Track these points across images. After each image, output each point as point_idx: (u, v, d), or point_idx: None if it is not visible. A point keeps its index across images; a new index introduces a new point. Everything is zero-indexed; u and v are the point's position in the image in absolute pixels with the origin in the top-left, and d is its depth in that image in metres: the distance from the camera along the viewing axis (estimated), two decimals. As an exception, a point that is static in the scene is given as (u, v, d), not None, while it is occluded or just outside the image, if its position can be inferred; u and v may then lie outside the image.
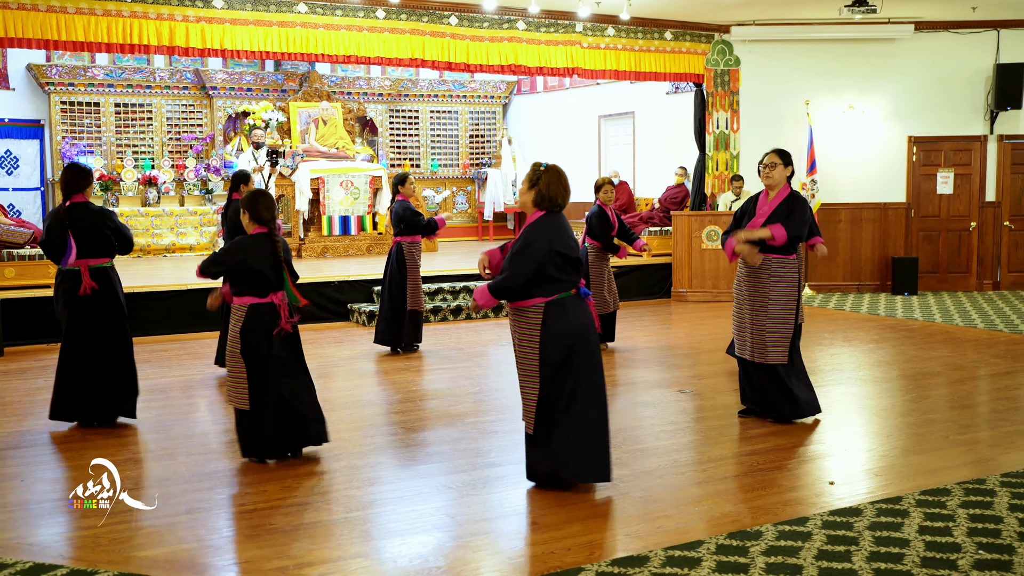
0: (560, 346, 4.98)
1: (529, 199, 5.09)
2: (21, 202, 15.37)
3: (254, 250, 5.64)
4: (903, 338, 10.22)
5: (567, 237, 5.02)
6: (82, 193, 6.60)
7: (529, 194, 5.09)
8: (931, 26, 13.67)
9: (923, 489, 5.11)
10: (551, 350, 4.98)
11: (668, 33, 13.48)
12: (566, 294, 5.00)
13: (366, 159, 16.11)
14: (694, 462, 5.76)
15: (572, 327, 5.00)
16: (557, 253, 4.94)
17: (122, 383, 6.64)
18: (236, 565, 4.26)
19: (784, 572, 4.04)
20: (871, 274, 14.16)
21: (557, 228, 4.99)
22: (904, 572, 4.03)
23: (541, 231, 4.97)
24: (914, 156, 14.03)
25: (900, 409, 7.13)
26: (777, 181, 6.51)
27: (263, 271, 5.60)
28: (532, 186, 5.07)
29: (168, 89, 16.47)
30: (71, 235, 6.45)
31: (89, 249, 6.52)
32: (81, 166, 6.74)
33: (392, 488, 5.27)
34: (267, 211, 5.72)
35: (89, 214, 6.56)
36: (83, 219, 6.52)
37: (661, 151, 15.98)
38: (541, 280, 4.96)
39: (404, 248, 9.45)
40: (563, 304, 4.98)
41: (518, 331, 5.11)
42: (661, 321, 11.71)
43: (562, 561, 4.21)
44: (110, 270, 6.67)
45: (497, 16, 12.38)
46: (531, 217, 5.08)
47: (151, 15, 10.48)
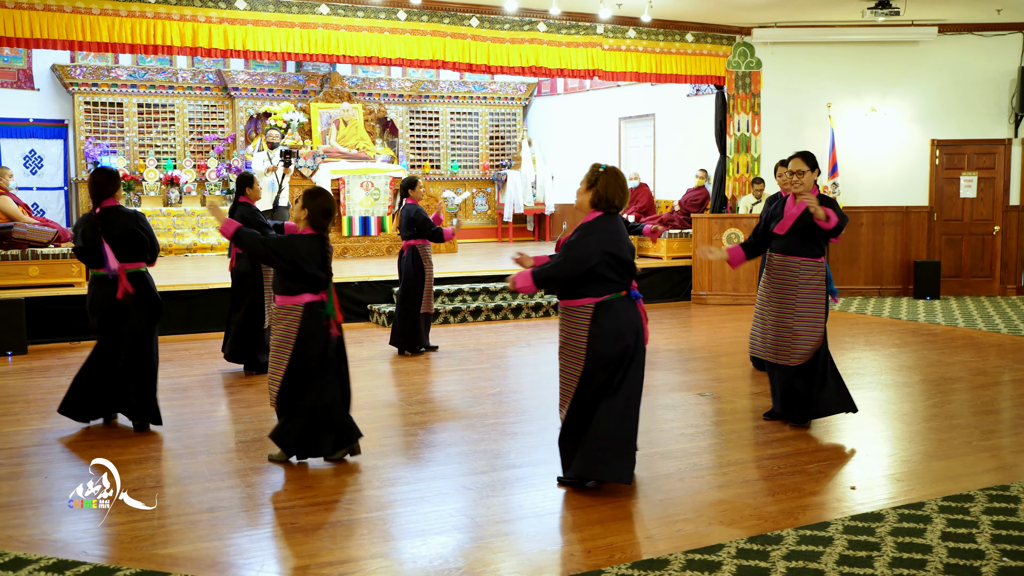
0: (607, 347, 5.00)
1: (586, 200, 5.11)
2: (45, 201, 15.52)
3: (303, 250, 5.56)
4: (925, 342, 10.15)
5: (622, 239, 5.06)
6: (112, 197, 6.56)
7: (587, 195, 5.11)
8: (955, 28, 13.58)
9: (946, 495, 5.07)
10: (598, 351, 5.01)
11: (689, 35, 13.45)
12: (616, 295, 5.03)
13: (386, 160, 16.17)
14: (714, 465, 5.74)
15: (621, 328, 5.03)
16: (610, 254, 4.97)
17: (146, 388, 6.63)
18: (257, 564, 4.27)
19: (805, 577, 4.02)
20: (893, 278, 14.08)
21: (613, 229, 5.03)
22: (927, 578, 4.01)
23: (598, 229, 5.01)
24: (937, 159, 13.94)
25: (922, 414, 7.08)
26: (807, 188, 6.45)
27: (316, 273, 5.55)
28: (590, 187, 5.09)
29: (190, 90, 16.57)
30: (104, 240, 6.41)
31: (125, 253, 6.47)
32: (109, 169, 6.68)
33: (412, 488, 5.28)
34: (325, 217, 5.63)
35: (122, 217, 6.51)
36: (115, 223, 6.47)
37: (681, 153, 15.94)
38: (592, 280, 4.99)
39: (419, 251, 9.45)
40: (613, 305, 5.01)
41: (566, 330, 5.15)
42: (681, 324, 11.67)
43: (582, 563, 4.20)
44: (146, 274, 6.62)
45: (518, 17, 12.39)
46: (588, 216, 5.11)
47: (174, 16, 10.55)
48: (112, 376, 6.54)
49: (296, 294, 5.60)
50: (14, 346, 9.48)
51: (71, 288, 10.49)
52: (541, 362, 9.32)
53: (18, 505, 5.03)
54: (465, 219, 18.75)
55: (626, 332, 5.04)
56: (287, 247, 5.54)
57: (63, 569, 4.13)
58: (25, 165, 15.48)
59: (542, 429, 6.57)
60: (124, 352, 6.52)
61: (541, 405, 7.43)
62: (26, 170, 15.47)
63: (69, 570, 4.13)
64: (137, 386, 6.55)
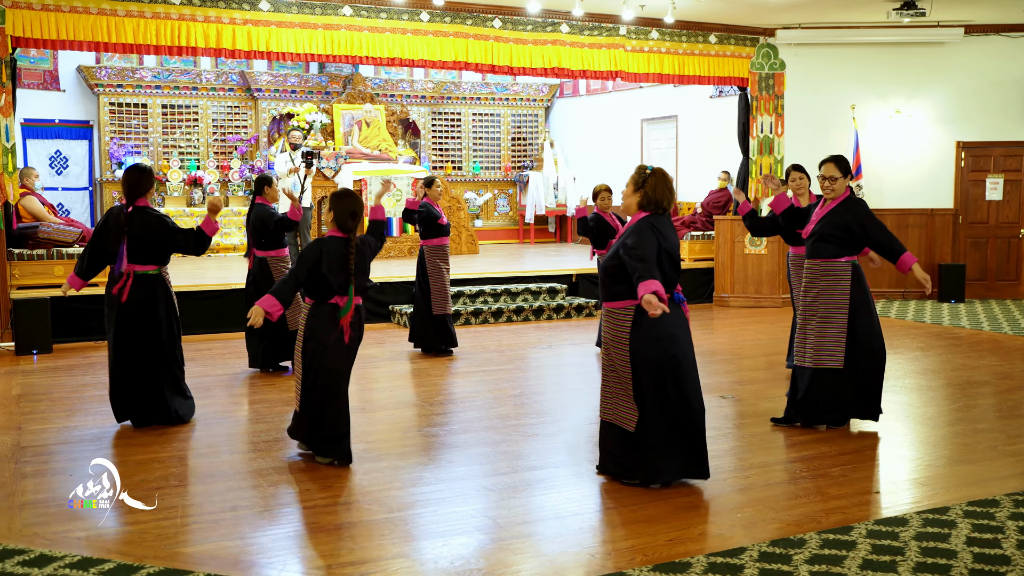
0: (653, 349, 5.02)
1: (634, 201, 5.14)
2: (70, 201, 15.65)
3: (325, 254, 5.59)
4: (949, 346, 10.07)
5: (673, 237, 5.11)
6: (144, 197, 6.53)
7: (634, 197, 5.13)
8: (981, 29, 13.47)
9: (971, 500, 5.03)
10: (642, 354, 5.03)
11: (712, 36, 13.40)
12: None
13: (408, 161, 16.20)
14: (736, 468, 5.71)
15: (665, 330, 5.03)
16: (666, 251, 5.02)
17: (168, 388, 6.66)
18: (279, 563, 4.29)
19: (828, 581, 3.99)
20: (917, 281, 13.94)
21: (665, 227, 5.07)
22: (951, 583, 3.97)
23: (650, 225, 5.03)
24: (962, 161, 13.83)
25: (947, 418, 7.02)
26: (838, 193, 6.42)
27: (328, 277, 5.57)
28: (638, 189, 5.12)
29: (214, 91, 16.66)
30: (126, 240, 6.41)
31: (140, 255, 6.46)
32: (144, 167, 6.64)
33: (433, 489, 5.29)
34: (352, 219, 5.65)
35: (148, 219, 6.46)
36: (140, 224, 6.43)
37: (704, 155, 15.88)
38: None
39: (424, 251, 9.48)
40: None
41: (609, 333, 5.19)
42: (703, 326, 11.63)
43: (604, 565, 4.20)
44: (160, 277, 6.59)
45: (541, 19, 12.38)
46: (636, 216, 5.14)
47: (199, 18, 10.62)
48: (134, 379, 6.56)
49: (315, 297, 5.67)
50: (40, 345, 9.57)
51: (96, 288, 10.54)
52: (562, 364, 9.31)
53: (43, 503, 5.07)
54: (487, 220, 18.76)
55: (667, 334, 5.05)
56: (301, 265, 5.59)
57: (88, 566, 4.17)
58: (51, 165, 15.61)
59: (563, 431, 6.56)
60: (144, 357, 6.55)
61: (563, 407, 7.43)
62: (52, 170, 15.60)
63: (93, 567, 4.15)
64: (156, 386, 6.59)
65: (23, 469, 5.70)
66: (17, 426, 6.73)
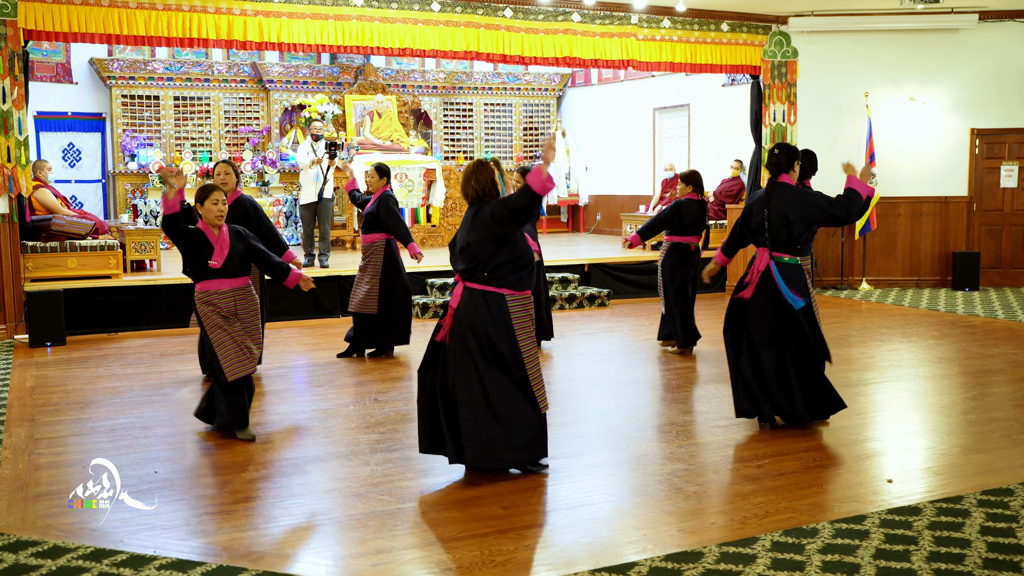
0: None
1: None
2: (83, 194, 15.70)
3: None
4: (964, 334, 10.02)
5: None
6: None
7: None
8: (996, 15, 13.35)
9: (985, 489, 5.00)
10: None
11: (724, 24, 13.33)
12: None
13: (420, 152, 16.18)
14: (748, 458, 5.70)
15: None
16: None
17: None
18: (290, 554, 4.30)
19: (841, 571, 3.97)
20: (931, 269, 13.90)
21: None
22: (965, 573, 3.95)
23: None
24: (977, 149, 13.73)
25: (961, 407, 6.99)
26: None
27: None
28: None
29: (226, 82, 16.67)
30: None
31: None
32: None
33: (445, 479, 5.29)
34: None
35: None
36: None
37: (716, 144, 15.81)
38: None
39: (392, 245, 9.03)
40: None
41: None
42: (716, 316, 11.56)
43: (616, 555, 4.19)
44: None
45: (552, 8, 12.34)
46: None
47: (210, 9, 10.63)
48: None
49: None
50: (53, 337, 9.60)
51: (109, 280, 10.62)
52: (574, 354, 9.30)
53: (57, 494, 5.09)
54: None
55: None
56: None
57: (101, 558, 4.18)
58: (64, 158, 15.67)
59: (574, 420, 6.56)
60: None
61: (574, 397, 7.42)
62: (64, 163, 15.66)
63: (107, 558, 4.17)
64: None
65: (37, 460, 5.73)
66: (31, 418, 6.76)
